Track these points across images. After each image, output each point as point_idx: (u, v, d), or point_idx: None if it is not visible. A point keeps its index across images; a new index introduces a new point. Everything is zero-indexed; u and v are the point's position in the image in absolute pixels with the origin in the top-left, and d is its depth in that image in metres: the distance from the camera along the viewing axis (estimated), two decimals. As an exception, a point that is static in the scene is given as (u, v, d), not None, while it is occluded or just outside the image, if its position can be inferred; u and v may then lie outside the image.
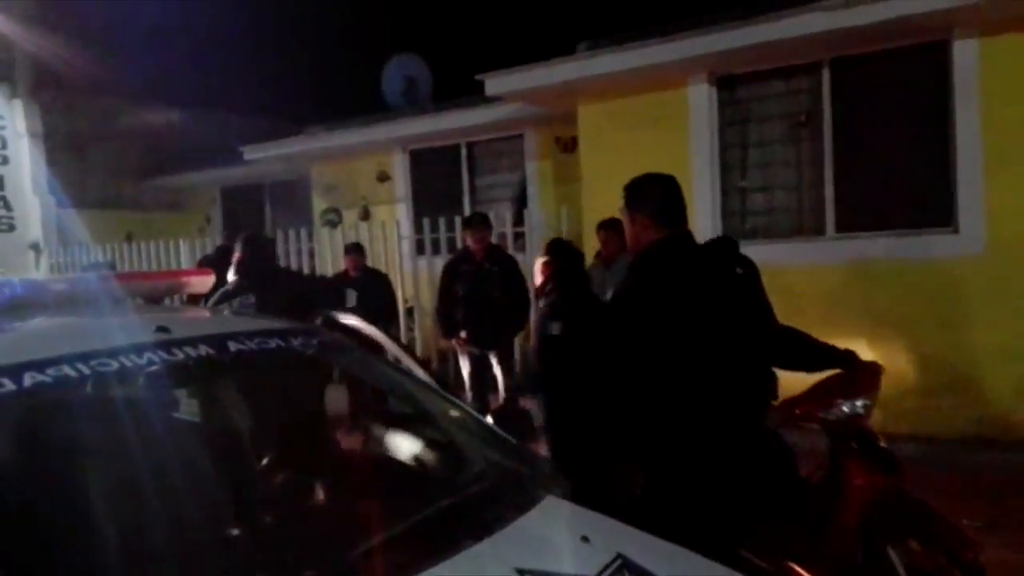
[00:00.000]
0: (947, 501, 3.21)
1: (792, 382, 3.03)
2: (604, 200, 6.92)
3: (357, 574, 1.71)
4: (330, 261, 8.62)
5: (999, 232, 5.41)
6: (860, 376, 3.25)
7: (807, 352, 3.18)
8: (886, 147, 5.84)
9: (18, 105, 11.56)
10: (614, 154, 6.87)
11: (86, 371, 1.88)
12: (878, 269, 5.79)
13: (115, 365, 1.95)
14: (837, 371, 3.25)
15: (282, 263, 8.82)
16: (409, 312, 8.51)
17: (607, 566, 1.83)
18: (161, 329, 2.16)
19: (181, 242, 10.07)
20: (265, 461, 2.40)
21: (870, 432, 3.24)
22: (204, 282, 2.93)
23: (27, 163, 11.69)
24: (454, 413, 2.62)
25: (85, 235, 12.06)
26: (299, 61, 13.48)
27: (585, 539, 1.94)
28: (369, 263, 7.97)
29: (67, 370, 1.85)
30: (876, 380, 3.26)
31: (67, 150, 12.15)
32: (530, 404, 4.97)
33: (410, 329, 8.51)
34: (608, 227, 5.81)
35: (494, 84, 6.93)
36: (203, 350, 2.18)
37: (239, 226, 9.68)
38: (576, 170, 7.38)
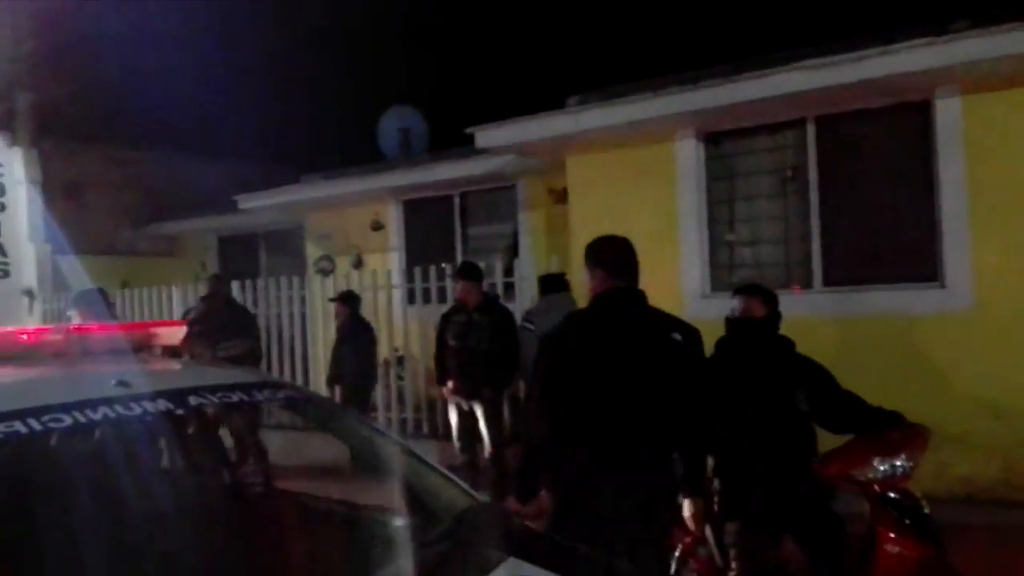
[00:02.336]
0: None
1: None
2: (593, 252, 6.98)
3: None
4: (320, 309, 8.61)
5: (985, 288, 5.41)
6: (901, 436, 3.21)
7: (858, 409, 3.24)
8: (872, 202, 5.88)
9: (17, 152, 11.75)
10: (603, 206, 6.92)
11: (37, 427, 1.86)
12: (865, 323, 5.78)
13: (68, 420, 1.93)
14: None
15: (273, 310, 8.83)
16: (399, 361, 8.47)
17: (562, 632, 1.79)
18: (121, 383, 2.14)
19: (174, 289, 10.08)
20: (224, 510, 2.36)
21: (911, 496, 3.17)
22: (175, 333, 2.91)
23: (24, 209, 11.85)
24: (421, 470, 2.58)
25: (81, 281, 12.09)
26: (296, 111, 13.67)
27: (542, 604, 1.90)
28: (361, 311, 7.97)
29: (18, 426, 1.83)
30: (920, 441, 3.21)
31: (65, 196, 12.27)
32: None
33: (400, 378, 8.47)
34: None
35: (484, 137, 7.00)
36: (162, 405, 2.16)
37: (232, 274, 9.68)
38: (568, 220, 7.42)
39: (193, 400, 2.27)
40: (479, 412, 5.98)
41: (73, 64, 11.24)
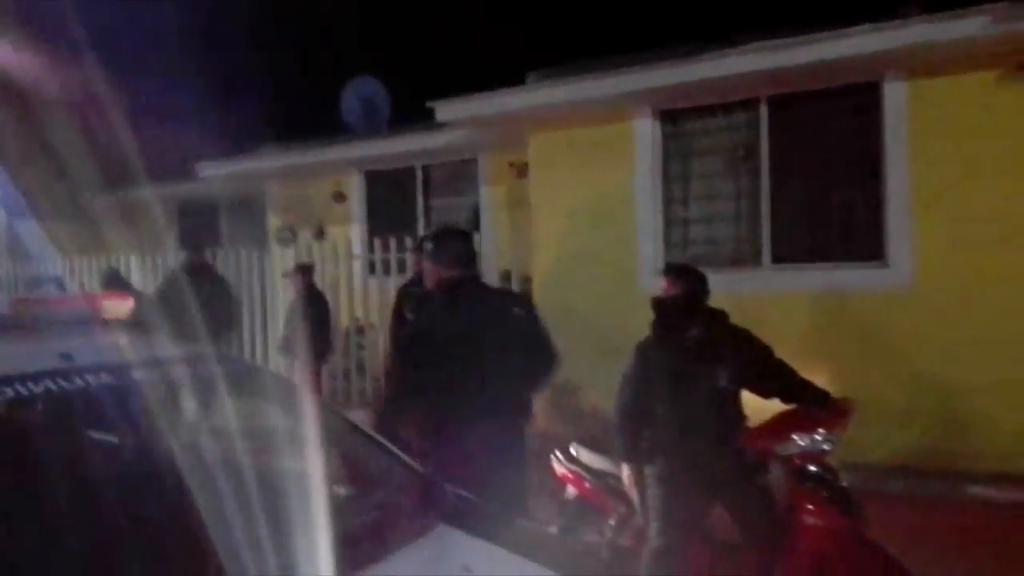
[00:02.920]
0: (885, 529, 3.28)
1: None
2: (552, 225, 7.07)
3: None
4: (280, 279, 8.61)
5: (926, 267, 5.60)
6: (822, 412, 3.34)
7: (787, 384, 3.38)
8: (820, 182, 6.04)
9: (-31, 117, 11.50)
10: (563, 182, 7.00)
11: (-21, 399, 1.91)
12: (810, 299, 5.96)
13: (9, 393, 1.97)
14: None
15: (235, 279, 8.85)
16: (360, 331, 8.53)
17: (484, 596, 1.89)
18: (64, 356, 2.18)
19: (132, 258, 10.00)
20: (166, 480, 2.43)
21: (831, 470, 3.31)
22: (121, 306, 2.94)
23: (-23, 174, 11.62)
24: (360, 440, 2.66)
25: (38, 247, 11.92)
26: (260, 79, 13.48)
27: (466, 568, 2.00)
28: (320, 282, 8.02)
29: (-44, 398, 1.87)
30: (842, 417, 3.35)
31: (23, 162, 12.02)
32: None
33: (361, 347, 8.54)
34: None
35: (444, 110, 7.02)
36: (104, 378, 2.21)
37: (197, 242, 9.65)
38: (529, 195, 7.49)
39: (136, 373, 2.32)
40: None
41: (27, 26, 10.97)
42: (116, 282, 8.04)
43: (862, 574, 3.06)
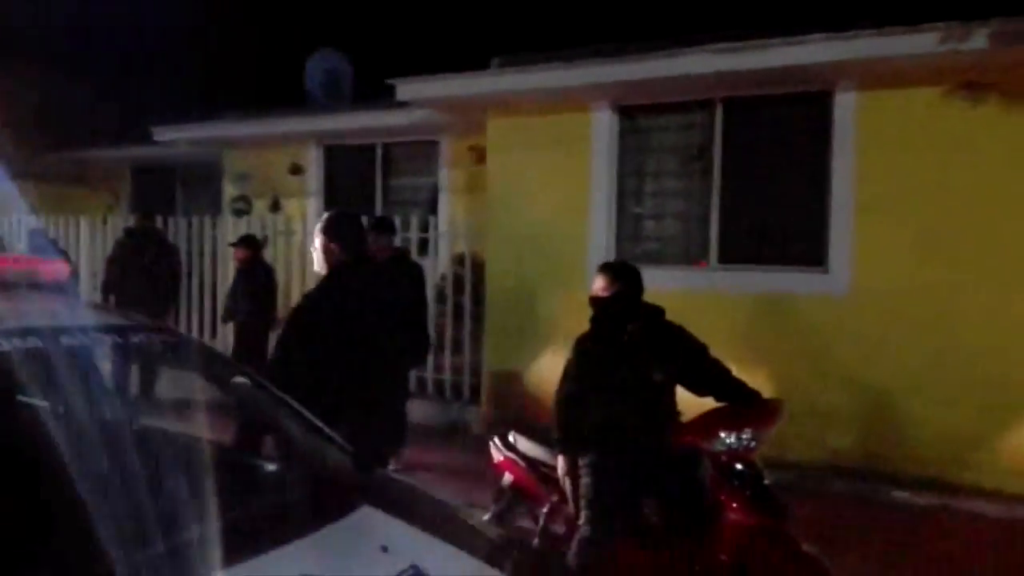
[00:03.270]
0: (797, 526, 3.39)
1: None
2: (508, 211, 7.11)
3: (158, 568, 1.76)
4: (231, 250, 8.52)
5: (864, 274, 5.78)
6: (750, 411, 3.44)
7: (719, 382, 3.48)
8: (769, 186, 6.17)
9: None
10: (519, 168, 7.05)
11: None
12: (754, 301, 6.10)
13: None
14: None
15: (186, 247, 8.78)
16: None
17: (399, 575, 1.94)
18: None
19: (82, 220, 9.80)
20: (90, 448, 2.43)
21: (755, 468, 3.41)
22: (59, 270, 2.91)
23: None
24: (290, 417, 2.68)
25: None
26: (224, 44, 13.24)
27: (384, 549, 2.05)
28: (271, 255, 7.99)
29: None
30: (769, 417, 3.45)
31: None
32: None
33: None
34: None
35: (406, 89, 7.01)
36: (31, 343, 2.21)
37: (148, 207, 9.51)
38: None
39: (65, 340, 2.32)
40: (381, 363, 6.09)
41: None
42: (41, 243, 8.01)
43: (780, 571, 3.18)
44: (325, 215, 3.57)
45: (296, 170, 9.80)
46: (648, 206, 6.71)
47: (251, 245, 7.28)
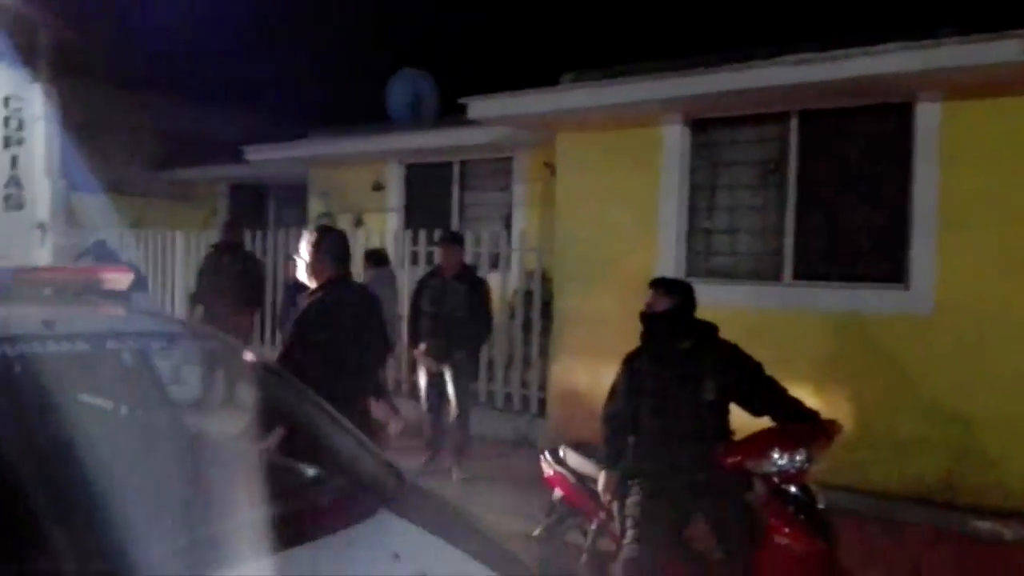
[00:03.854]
0: (866, 554, 3.23)
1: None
2: (576, 226, 7.09)
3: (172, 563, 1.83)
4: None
5: (947, 293, 5.47)
6: (807, 431, 3.32)
7: (774, 401, 3.38)
8: (846, 200, 5.94)
9: (37, 89, 11.97)
10: (588, 183, 7.03)
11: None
12: (829, 319, 5.87)
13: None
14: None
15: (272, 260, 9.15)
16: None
17: (406, 581, 1.96)
18: (45, 323, 2.32)
19: (177, 233, 10.33)
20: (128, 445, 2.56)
21: (807, 490, 3.29)
22: (121, 279, 3.08)
23: (42, 145, 12.06)
24: (330, 422, 2.75)
25: (93, 218, 12.37)
26: (312, 67, 13.77)
27: (396, 556, 2.07)
28: (355, 269, 8.19)
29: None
30: (824, 438, 3.32)
31: (81, 135, 12.45)
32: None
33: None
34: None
35: (476, 108, 7.10)
36: (79, 346, 2.35)
37: (242, 222, 9.96)
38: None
39: (111, 344, 2.45)
40: (448, 375, 6.16)
41: (95, 6, 11.38)
42: (105, 254, 8.55)
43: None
44: (316, 230, 3.94)
45: (378, 187, 10.06)
46: (720, 221, 6.56)
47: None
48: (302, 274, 3.82)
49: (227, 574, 1.80)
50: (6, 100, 12.14)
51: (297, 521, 2.10)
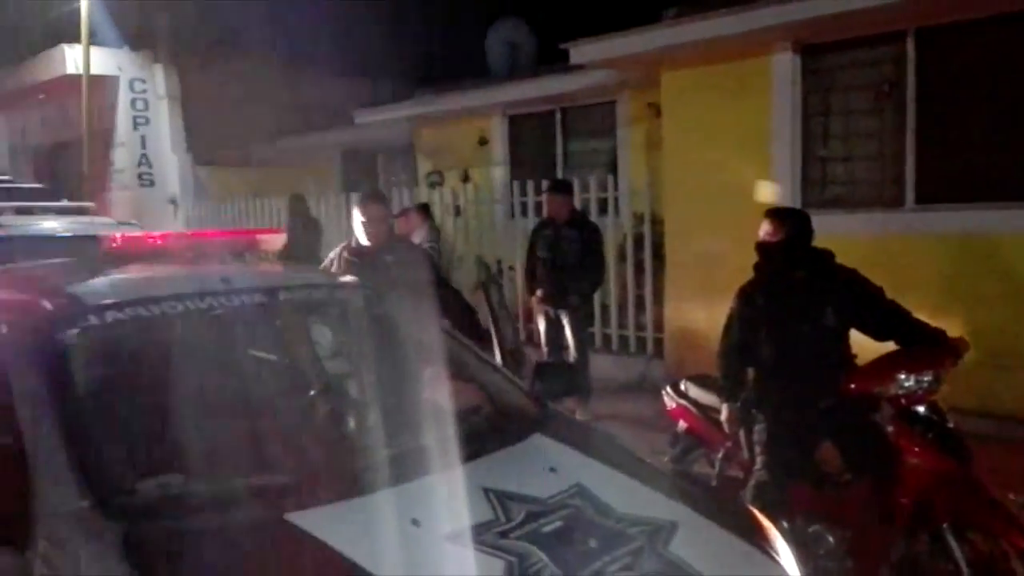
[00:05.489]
0: (1000, 476, 3.23)
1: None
2: (685, 166, 7.07)
3: (354, 480, 2.10)
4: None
5: (1087, 208, 5.23)
6: (933, 352, 3.32)
7: (898, 324, 3.39)
8: (969, 119, 5.70)
9: (159, 69, 12.74)
10: (696, 121, 6.98)
11: (156, 311, 2.37)
12: (956, 242, 5.70)
13: (180, 307, 2.43)
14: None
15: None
16: (500, 272, 8.92)
17: (564, 491, 2.17)
18: (224, 280, 2.63)
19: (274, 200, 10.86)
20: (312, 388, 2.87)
21: (937, 410, 3.31)
22: (275, 240, 3.38)
23: (166, 123, 12.92)
24: (479, 362, 2.98)
25: (219, 190, 13.15)
26: (410, 25, 13.95)
27: (552, 469, 2.28)
28: (464, 224, 8.49)
29: (140, 310, 2.34)
30: (950, 357, 3.31)
31: (203, 111, 13.15)
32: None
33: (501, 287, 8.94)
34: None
35: (578, 52, 7.14)
36: (257, 298, 2.64)
37: (353, 186, 10.41)
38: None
39: (282, 295, 2.75)
40: (565, 320, 6.35)
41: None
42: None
43: (965, 516, 3.06)
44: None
45: (483, 141, 10.26)
46: (836, 149, 6.41)
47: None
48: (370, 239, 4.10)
49: (425, 480, 2.05)
50: (131, 82, 13.08)
51: (465, 442, 2.32)
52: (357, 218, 4.35)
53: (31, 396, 2.04)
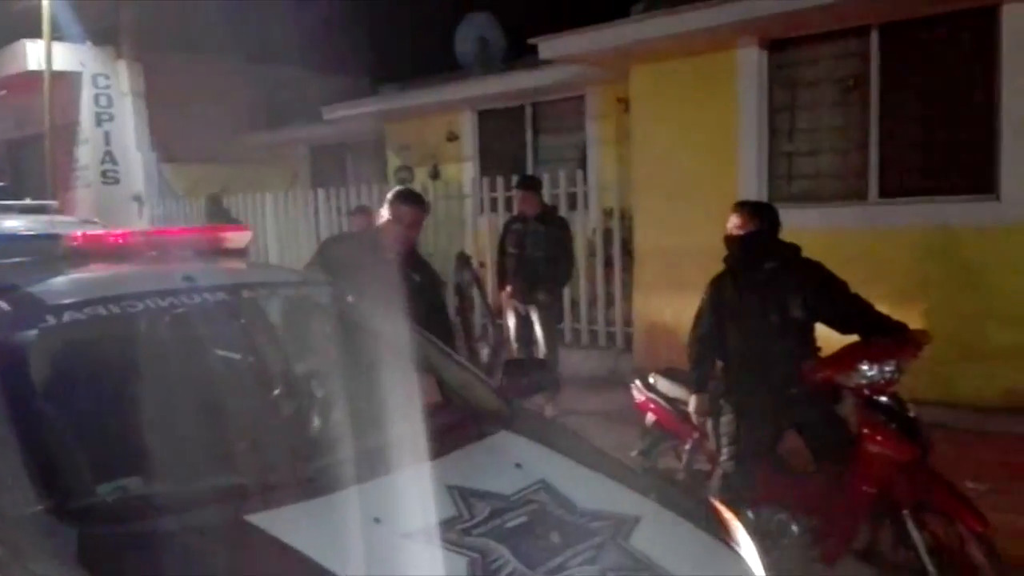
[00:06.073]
0: (959, 464, 3.28)
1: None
2: (654, 160, 7.11)
3: (315, 480, 2.09)
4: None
5: (1043, 201, 5.34)
6: (895, 342, 3.38)
7: (861, 317, 3.44)
8: (931, 113, 5.80)
9: (122, 65, 12.53)
10: (664, 115, 7.02)
11: (116, 310, 2.33)
12: (918, 235, 5.79)
13: (140, 307, 2.40)
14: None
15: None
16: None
17: (528, 487, 2.17)
18: (187, 278, 2.59)
19: (267, 195, 10.78)
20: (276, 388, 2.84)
21: (898, 400, 3.36)
22: (241, 238, 3.34)
23: (131, 120, 12.72)
24: (445, 359, 2.97)
25: (184, 187, 12.98)
26: (377, 20, 13.88)
27: (518, 465, 2.29)
28: (432, 220, 8.44)
29: (100, 310, 2.30)
30: (911, 348, 3.36)
31: (168, 107, 12.97)
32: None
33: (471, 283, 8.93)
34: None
35: (548, 47, 7.14)
36: (220, 296, 2.61)
37: (322, 182, 10.33)
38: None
39: (245, 293, 2.72)
40: (534, 316, 6.36)
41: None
42: (218, 209, 9.11)
43: (924, 502, 3.13)
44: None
45: (452, 137, 10.23)
46: (801, 143, 6.49)
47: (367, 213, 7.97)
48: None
49: (388, 478, 2.04)
50: (94, 78, 12.85)
51: (429, 440, 2.31)
52: (384, 217, 3.67)
53: (-14, 398, 2.00)
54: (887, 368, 3.27)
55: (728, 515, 2.37)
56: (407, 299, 3.15)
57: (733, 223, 3.64)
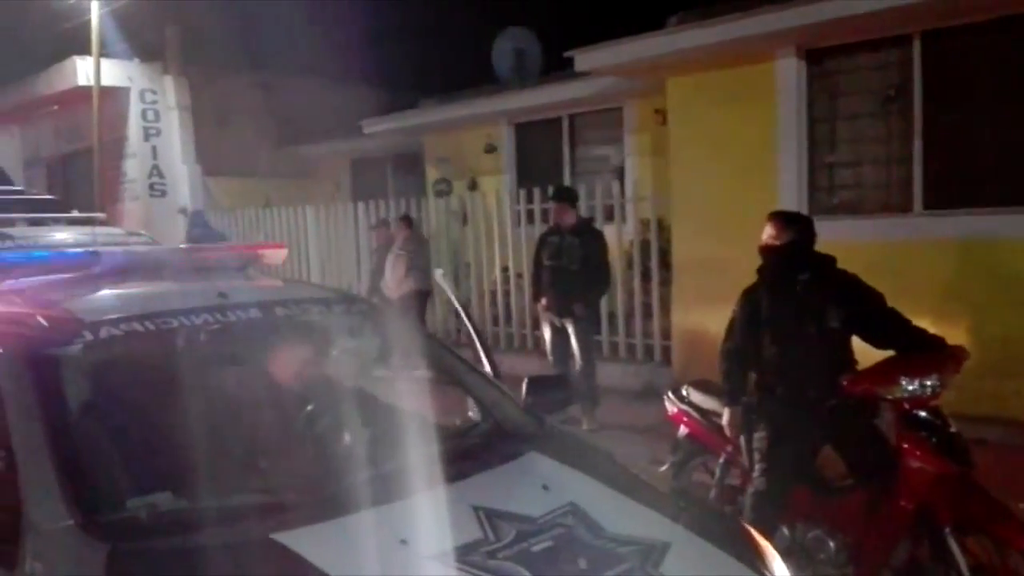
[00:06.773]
0: (1010, 483, 3.19)
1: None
2: (692, 172, 7.04)
3: (341, 500, 2.09)
4: (436, 227, 9.16)
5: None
6: (936, 356, 3.29)
7: (898, 330, 3.36)
8: (977, 122, 5.65)
9: (169, 81, 12.83)
10: (702, 127, 6.95)
11: (152, 327, 2.37)
12: (964, 247, 5.64)
13: (176, 323, 2.43)
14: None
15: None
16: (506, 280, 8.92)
17: (556, 510, 2.14)
18: (221, 295, 2.63)
19: (308, 208, 10.92)
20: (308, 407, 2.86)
21: (939, 415, 3.26)
22: (277, 254, 3.38)
23: (177, 134, 13.00)
24: (474, 377, 2.96)
25: (228, 201, 13.22)
26: (417, 34, 14.03)
27: (545, 487, 2.26)
28: (471, 233, 8.61)
29: (136, 326, 2.35)
30: (953, 363, 3.27)
31: (212, 122, 13.25)
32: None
33: (508, 295, 8.94)
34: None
35: (584, 59, 7.13)
36: (253, 313, 2.64)
37: (362, 194, 10.45)
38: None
39: (279, 310, 2.74)
40: (570, 329, 6.32)
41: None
42: (199, 223, 9.29)
43: (967, 519, 3.03)
44: None
45: (490, 149, 10.26)
46: (842, 154, 6.38)
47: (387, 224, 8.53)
48: None
49: (414, 499, 2.04)
50: (142, 93, 13.16)
51: (457, 460, 2.31)
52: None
53: (23, 412, 2.05)
54: (928, 382, 3.19)
55: (763, 542, 2.32)
56: None
57: (768, 233, 3.59)
